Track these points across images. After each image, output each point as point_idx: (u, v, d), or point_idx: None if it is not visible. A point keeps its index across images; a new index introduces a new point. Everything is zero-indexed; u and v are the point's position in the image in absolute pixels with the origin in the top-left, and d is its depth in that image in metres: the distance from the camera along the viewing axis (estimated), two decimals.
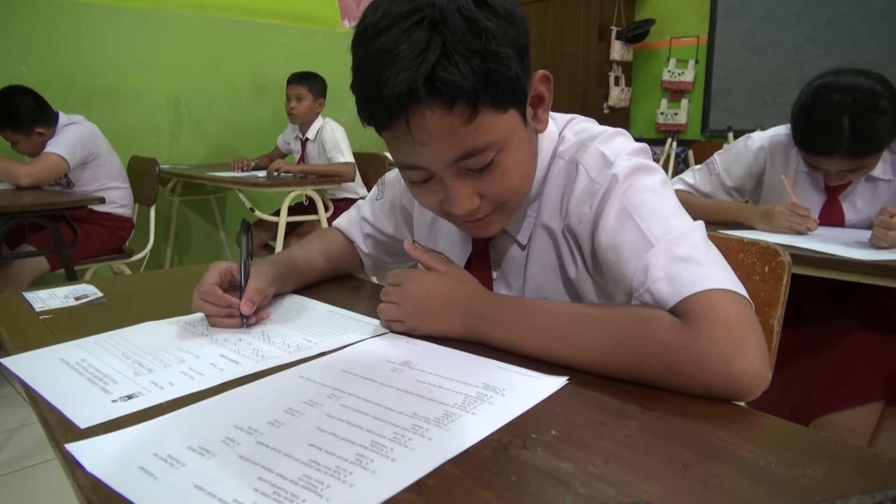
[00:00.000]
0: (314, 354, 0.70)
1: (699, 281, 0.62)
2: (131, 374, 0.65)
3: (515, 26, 0.66)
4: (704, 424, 0.54)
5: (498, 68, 0.64)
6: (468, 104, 0.63)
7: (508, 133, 0.70)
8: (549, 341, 0.67)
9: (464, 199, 0.71)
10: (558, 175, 0.81)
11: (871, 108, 1.37)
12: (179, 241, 3.62)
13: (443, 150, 0.67)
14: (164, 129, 3.45)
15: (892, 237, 1.33)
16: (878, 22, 3.84)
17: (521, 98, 0.70)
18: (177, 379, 0.64)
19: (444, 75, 0.61)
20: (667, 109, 4.84)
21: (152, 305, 0.92)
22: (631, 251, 0.69)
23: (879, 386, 1.32)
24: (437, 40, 0.61)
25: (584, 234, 0.77)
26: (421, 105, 0.63)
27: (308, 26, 3.99)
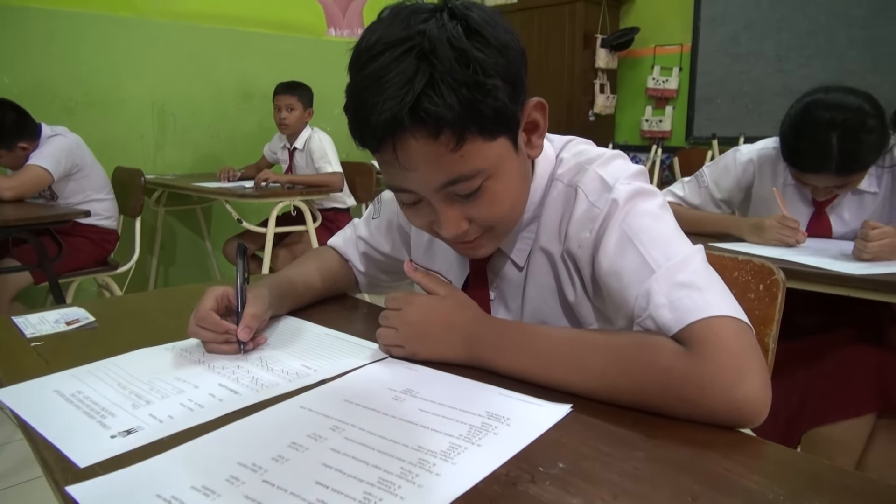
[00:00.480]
0: (314, 382, 0.70)
1: (701, 308, 0.63)
2: (129, 407, 0.64)
3: (507, 56, 0.66)
4: (709, 453, 0.54)
5: (485, 99, 0.64)
6: (454, 133, 0.64)
7: (497, 160, 0.70)
8: (551, 367, 0.67)
9: (451, 224, 0.72)
10: (557, 198, 0.81)
11: (860, 128, 1.39)
12: (165, 253, 3.58)
13: (429, 176, 0.68)
14: (149, 139, 3.42)
15: (871, 248, 1.35)
16: (858, 31, 3.91)
17: (511, 126, 0.70)
18: (176, 411, 0.63)
19: (429, 105, 0.62)
20: (651, 116, 4.88)
21: (145, 329, 0.91)
22: (632, 277, 0.69)
23: (873, 398, 1.33)
24: (424, 69, 0.62)
25: (583, 259, 0.77)
26: (406, 133, 0.64)
27: (294, 35, 3.98)
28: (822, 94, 1.46)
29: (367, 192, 3.35)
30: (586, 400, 0.64)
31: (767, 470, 0.51)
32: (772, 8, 4.23)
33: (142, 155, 3.37)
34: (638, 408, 0.62)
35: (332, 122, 3.86)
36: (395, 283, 1.09)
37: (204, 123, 3.63)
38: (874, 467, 1.35)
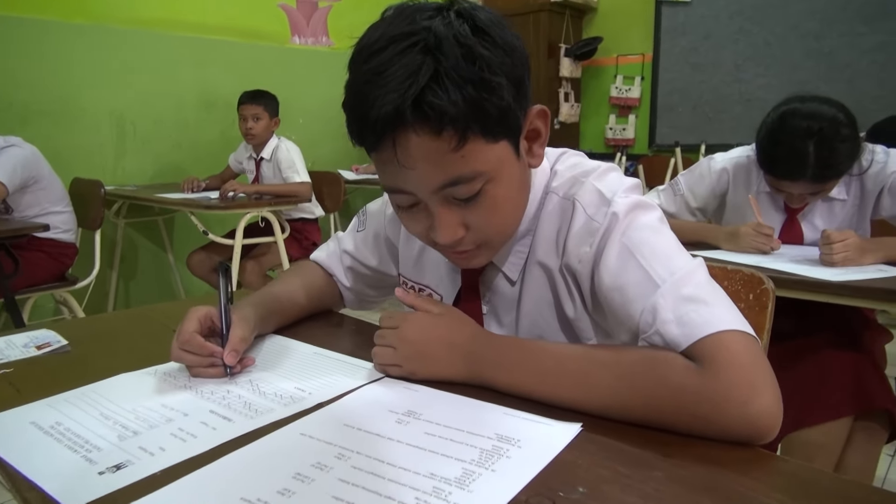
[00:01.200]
0: (311, 406, 0.67)
1: (710, 322, 0.62)
2: (115, 439, 0.60)
3: (513, 57, 0.65)
4: (728, 472, 0.53)
5: (490, 97, 0.63)
6: (456, 131, 0.62)
7: (499, 164, 0.68)
8: (558, 386, 0.65)
9: (447, 228, 0.70)
10: (553, 211, 0.79)
11: (835, 136, 1.42)
12: (126, 266, 3.46)
13: (428, 175, 0.66)
14: (108, 149, 3.31)
15: (837, 249, 1.39)
16: (812, 42, 4.05)
17: (514, 130, 0.69)
18: (167, 443, 0.59)
19: (433, 99, 0.60)
20: (615, 125, 4.96)
21: (122, 352, 0.86)
22: (636, 291, 0.68)
23: (850, 401, 1.36)
24: (429, 64, 0.60)
25: (584, 273, 0.75)
26: (407, 128, 0.62)
27: (257, 42, 3.91)
28: (797, 103, 1.49)
29: (335, 202, 3.30)
30: (594, 417, 0.62)
31: (789, 488, 0.51)
32: (730, 19, 4.34)
33: (101, 165, 3.26)
34: (649, 425, 0.61)
35: (296, 132, 3.81)
36: (381, 299, 1.06)
37: (165, 133, 3.53)
38: (852, 469, 1.38)
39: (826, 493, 0.50)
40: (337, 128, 4.57)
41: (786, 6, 4.11)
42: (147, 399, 0.69)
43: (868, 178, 1.58)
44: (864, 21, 3.83)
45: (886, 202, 1.56)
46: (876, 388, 1.38)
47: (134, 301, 3.53)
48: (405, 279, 0.95)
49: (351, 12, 4.36)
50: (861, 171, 1.56)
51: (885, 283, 1.24)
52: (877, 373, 1.43)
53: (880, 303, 1.26)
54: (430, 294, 0.91)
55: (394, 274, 0.99)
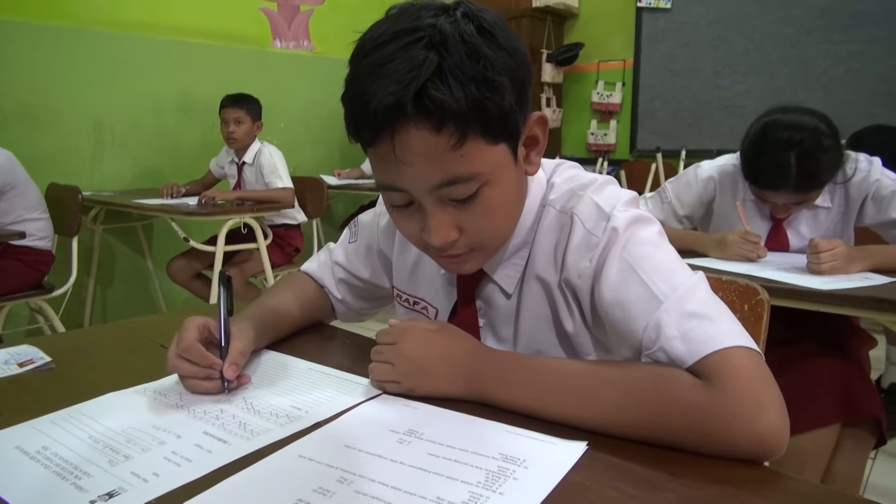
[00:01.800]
0: (309, 426, 0.65)
1: (715, 339, 0.61)
2: (106, 464, 0.57)
3: (516, 60, 0.65)
4: (739, 492, 0.52)
5: (492, 97, 0.62)
6: (457, 128, 0.62)
7: (496, 167, 0.68)
8: (561, 403, 0.64)
9: (441, 229, 0.69)
10: (550, 224, 0.78)
11: (817, 147, 1.44)
12: (103, 274, 3.39)
13: (426, 172, 0.65)
14: (85, 154, 3.25)
15: (824, 259, 1.40)
16: (789, 49, 4.10)
17: (513, 133, 0.68)
18: (161, 467, 0.57)
19: (435, 94, 0.60)
20: (597, 130, 4.99)
21: (108, 368, 0.83)
22: (638, 307, 0.67)
23: (838, 409, 1.37)
24: (433, 59, 0.60)
25: (583, 289, 0.74)
26: (408, 122, 0.61)
27: (237, 46, 3.87)
28: (780, 114, 1.51)
29: (317, 207, 3.27)
30: (599, 435, 0.61)
31: None
32: (709, 27, 4.40)
33: (77, 170, 3.19)
34: (654, 442, 0.60)
35: (278, 136, 3.77)
36: (373, 311, 1.05)
37: (144, 137, 3.47)
38: (840, 476, 1.39)
39: None
40: (319, 133, 4.55)
41: (764, 14, 4.17)
42: (137, 420, 0.66)
43: (852, 187, 1.60)
44: (841, 29, 3.89)
45: (870, 210, 1.58)
46: (864, 395, 1.39)
47: (112, 309, 3.46)
48: (399, 292, 0.94)
49: (332, 16, 4.33)
50: (845, 179, 1.58)
51: (873, 292, 1.26)
52: (864, 380, 1.44)
53: (869, 311, 1.27)
54: (425, 307, 0.89)
55: (386, 286, 0.97)
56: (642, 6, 4.59)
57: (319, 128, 4.34)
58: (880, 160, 1.59)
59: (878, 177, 1.57)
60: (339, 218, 4.50)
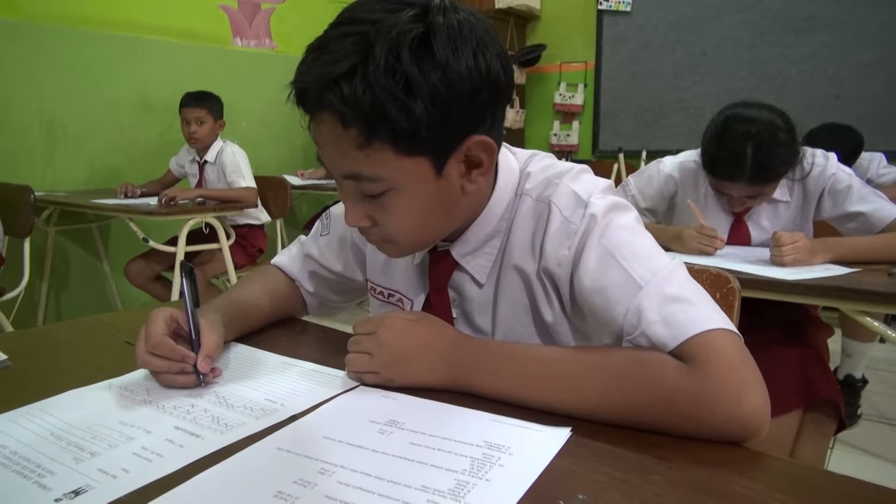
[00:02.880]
0: (285, 419, 0.63)
1: (696, 322, 0.62)
2: (71, 462, 0.54)
3: (449, 82, 0.62)
4: (725, 473, 0.53)
5: (395, 114, 0.61)
6: (362, 130, 0.62)
7: (407, 178, 0.67)
8: (544, 390, 0.64)
9: (351, 214, 0.71)
10: (527, 214, 0.78)
11: (772, 140, 1.49)
12: (57, 277, 3.27)
13: (334, 161, 0.68)
14: (38, 153, 3.12)
15: (786, 252, 1.44)
16: (745, 52, 4.21)
17: (435, 150, 0.66)
18: (130, 463, 0.54)
19: (338, 93, 0.61)
20: (559, 131, 5.04)
21: (69, 366, 0.80)
22: (618, 293, 0.67)
23: (797, 395, 1.40)
24: (351, 59, 0.61)
25: (563, 277, 0.74)
26: (322, 110, 0.64)
27: (197, 43, 3.78)
28: (741, 108, 1.55)
29: (280, 207, 3.22)
30: (582, 421, 0.61)
31: (789, 488, 0.50)
32: (667, 29, 4.48)
33: (28, 170, 3.07)
34: (637, 427, 0.60)
35: (239, 136, 3.69)
36: (345, 305, 1.03)
37: (99, 136, 3.36)
38: (804, 460, 1.42)
39: (824, 491, 0.50)
40: (281, 132, 4.47)
41: (720, 18, 4.27)
42: (103, 416, 0.63)
43: (810, 181, 1.64)
44: (794, 33, 4.01)
45: (827, 204, 1.63)
46: (822, 380, 1.42)
47: (66, 313, 3.34)
48: (373, 284, 0.92)
49: (294, 15, 4.27)
50: (804, 174, 1.62)
51: (836, 282, 1.29)
52: (822, 366, 1.48)
53: (832, 300, 1.30)
54: (400, 299, 0.88)
55: (359, 279, 0.95)
56: (603, 9, 4.65)
57: (281, 127, 4.27)
58: (836, 155, 1.64)
59: (833, 171, 1.61)
60: (302, 218, 4.43)
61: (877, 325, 1.32)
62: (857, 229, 1.59)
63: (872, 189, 1.59)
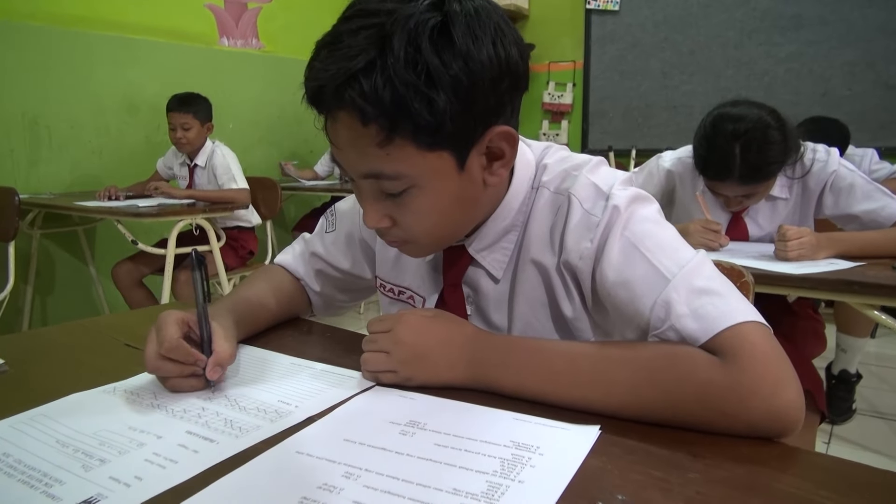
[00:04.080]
0: (301, 421, 0.60)
1: (727, 315, 0.60)
2: (79, 470, 0.51)
3: (471, 72, 0.60)
4: (766, 470, 0.51)
5: (417, 107, 0.59)
6: (382, 127, 0.60)
7: (430, 174, 0.64)
8: (571, 386, 0.62)
9: (370, 215, 0.68)
10: (544, 206, 0.76)
11: (762, 139, 1.47)
12: (42, 281, 3.20)
13: (353, 160, 0.65)
14: (20, 155, 3.06)
15: (791, 246, 1.43)
16: (733, 51, 4.23)
17: (457, 144, 0.64)
18: (143, 471, 0.51)
19: (358, 91, 0.58)
20: (549, 130, 5.03)
21: (70, 369, 0.77)
22: (644, 286, 0.65)
23: None
24: (369, 53, 0.58)
25: (585, 271, 0.72)
26: (340, 108, 0.61)
27: (183, 43, 3.73)
28: (729, 106, 1.54)
29: (270, 208, 3.18)
30: (609, 419, 0.59)
31: (836, 485, 0.48)
32: (655, 29, 4.49)
33: (12, 172, 3.01)
34: (668, 423, 0.58)
35: (226, 137, 3.64)
36: (352, 304, 1.00)
37: (84, 137, 3.30)
38: None
39: (869, 487, 0.49)
40: (269, 132, 4.43)
41: (707, 17, 4.28)
42: (110, 421, 0.60)
43: (810, 178, 1.63)
44: (780, 32, 4.03)
45: (828, 201, 1.62)
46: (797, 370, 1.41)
47: (52, 317, 3.27)
48: (382, 282, 0.90)
49: (281, 15, 4.23)
50: (804, 171, 1.62)
51: (842, 275, 1.29)
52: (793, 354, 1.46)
53: (839, 294, 1.30)
54: (411, 296, 0.86)
55: (368, 277, 0.93)
56: (591, 8, 4.65)
57: (269, 128, 4.23)
58: (838, 151, 1.63)
59: (835, 168, 1.60)
60: (290, 220, 4.39)
61: (884, 318, 1.32)
62: (861, 228, 1.58)
63: (877, 185, 1.58)
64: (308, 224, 3.82)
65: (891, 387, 2.65)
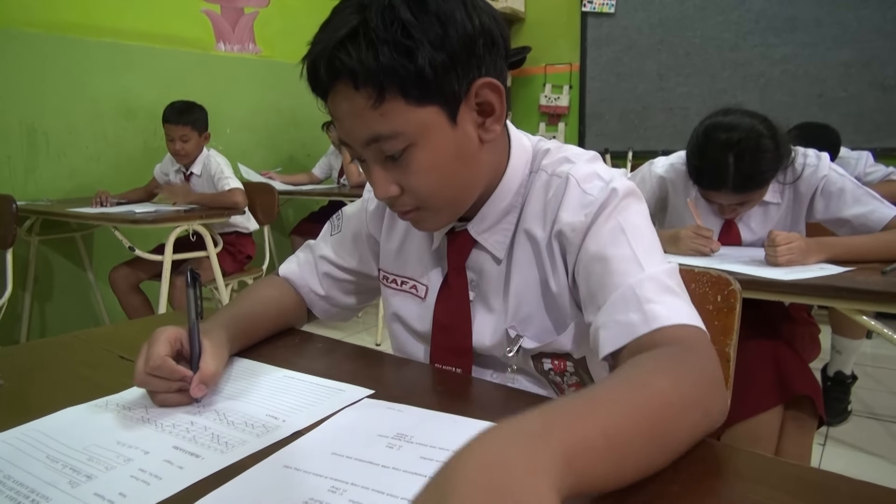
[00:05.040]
0: (288, 435, 0.61)
1: (693, 317, 0.64)
2: (66, 486, 0.52)
3: (446, 27, 0.65)
4: (741, 483, 0.51)
5: (405, 60, 0.64)
6: (373, 88, 0.65)
7: (423, 129, 0.68)
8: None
9: (379, 184, 0.72)
10: (542, 187, 0.79)
11: (756, 148, 1.48)
12: (41, 287, 3.21)
13: (353, 129, 0.70)
14: (18, 162, 3.07)
15: (781, 252, 1.44)
16: (728, 52, 4.24)
17: (445, 97, 0.68)
18: (128, 487, 0.52)
19: (344, 56, 0.64)
20: (545, 132, 5.04)
21: (64, 383, 0.77)
22: (619, 266, 0.68)
23: (774, 392, 1.40)
24: (352, 22, 0.64)
25: (575, 243, 0.74)
26: (335, 82, 0.67)
27: (180, 49, 3.74)
28: (721, 116, 1.55)
29: (268, 213, 3.18)
30: None
31: (806, 494, 0.49)
32: (651, 31, 4.50)
33: (9, 179, 3.02)
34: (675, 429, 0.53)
35: (224, 141, 3.67)
36: (357, 308, 1.02)
37: (81, 144, 3.31)
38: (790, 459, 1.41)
39: (845, 498, 0.49)
40: (266, 137, 4.45)
41: (703, 19, 4.29)
42: (100, 436, 0.61)
43: (801, 183, 1.64)
44: (776, 33, 4.04)
45: (819, 205, 1.63)
46: (795, 375, 1.42)
47: (51, 324, 3.28)
48: (385, 273, 0.92)
49: (278, 19, 4.24)
50: (795, 177, 1.62)
51: (832, 281, 1.29)
52: (795, 359, 1.47)
53: (828, 299, 1.31)
54: (414, 286, 0.88)
55: (374, 274, 0.95)
56: (587, 11, 4.66)
57: (267, 132, 4.24)
58: (828, 155, 1.64)
59: (825, 172, 1.61)
60: (288, 225, 4.39)
61: (873, 324, 1.32)
62: (852, 232, 1.59)
63: (867, 189, 1.59)
64: (305, 228, 3.84)
65: (886, 388, 2.66)
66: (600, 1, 4.59)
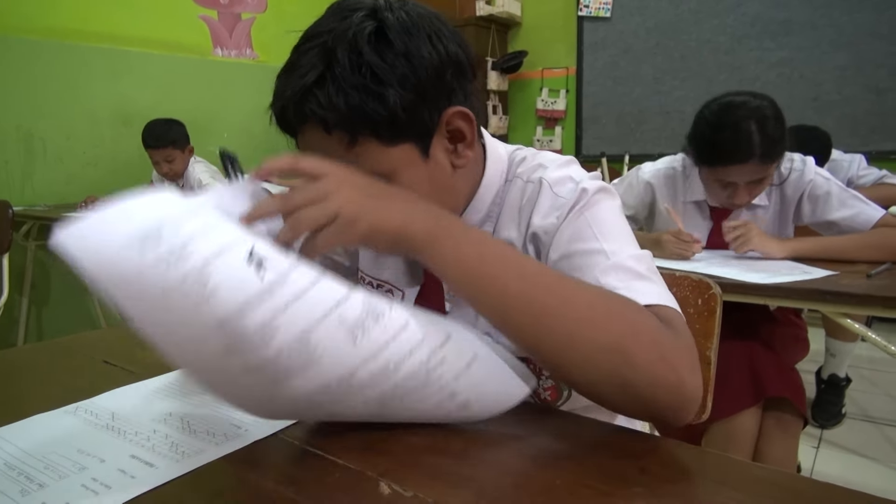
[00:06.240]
0: (247, 444, 0.61)
1: (662, 296, 0.65)
2: (17, 495, 0.52)
3: (413, 63, 0.65)
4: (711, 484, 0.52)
5: (374, 104, 0.64)
6: (345, 132, 0.65)
7: (397, 166, 0.68)
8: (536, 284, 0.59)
9: None
10: (517, 193, 0.80)
11: (775, 115, 1.50)
12: (37, 293, 3.23)
13: None
14: (15, 167, 3.09)
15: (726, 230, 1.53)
16: (724, 56, 4.24)
17: (418, 132, 0.69)
18: (76, 496, 0.51)
19: (314, 105, 0.64)
20: (542, 136, 5.05)
21: (41, 390, 0.77)
22: (584, 260, 0.69)
23: (749, 393, 1.40)
24: (318, 68, 0.64)
25: (547, 244, 0.75)
26: (303, 124, 0.67)
27: (177, 54, 3.76)
28: (732, 96, 1.55)
29: None
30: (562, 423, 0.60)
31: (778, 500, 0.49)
32: (647, 35, 4.50)
33: (6, 184, 3.04)
34: (612, 353, 0.56)
35: (219, 143, 3.66)
36: None
37: (78, 149, 3.33)
38: (773, 462, 1.41)
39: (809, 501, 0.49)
40: (264, 142, 4.46)
41: (698, 22, 4.29)
42: (61, 444, 0.61)
43: (788, 186, 1.65)
44: (771, 37, 4.04)
45: (806, 209, 1.63)
46: (772, 376, 1.42)
47: (48, 329, 3.30)
48: (363, 274, 0.93)
49: (275, 24, 4.26)
50: (781, 179, 1.63)
51: (815, 284, 1.29)
52: (773, 361, 1.47)
53: (813, 303, 1.31)
54: (390, 290, 0.88)
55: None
56: (583, 15, 4.67)
57: (264, 137, 4.21)
58: (814, 159, 1.64)
59: (811, 176, 1.62)
60: None
61: (857, 327, 1.32)
62: (840, 234, 1.59)
63: (852, 192, 1.59)
64: None
65: (881, 390, 2.66)
66: (596, 5, 4.59)
